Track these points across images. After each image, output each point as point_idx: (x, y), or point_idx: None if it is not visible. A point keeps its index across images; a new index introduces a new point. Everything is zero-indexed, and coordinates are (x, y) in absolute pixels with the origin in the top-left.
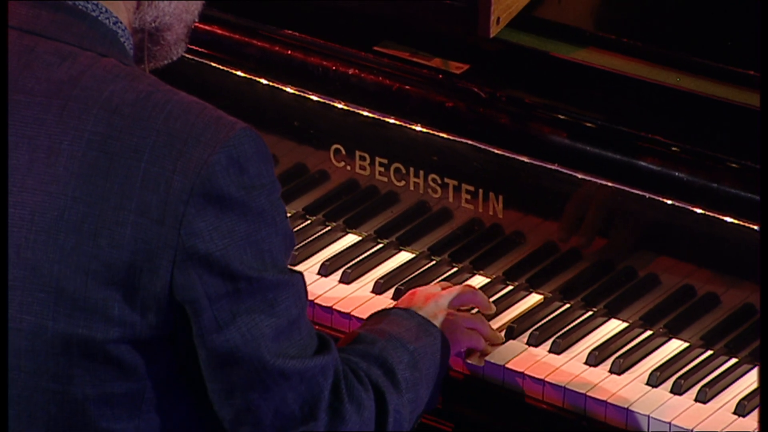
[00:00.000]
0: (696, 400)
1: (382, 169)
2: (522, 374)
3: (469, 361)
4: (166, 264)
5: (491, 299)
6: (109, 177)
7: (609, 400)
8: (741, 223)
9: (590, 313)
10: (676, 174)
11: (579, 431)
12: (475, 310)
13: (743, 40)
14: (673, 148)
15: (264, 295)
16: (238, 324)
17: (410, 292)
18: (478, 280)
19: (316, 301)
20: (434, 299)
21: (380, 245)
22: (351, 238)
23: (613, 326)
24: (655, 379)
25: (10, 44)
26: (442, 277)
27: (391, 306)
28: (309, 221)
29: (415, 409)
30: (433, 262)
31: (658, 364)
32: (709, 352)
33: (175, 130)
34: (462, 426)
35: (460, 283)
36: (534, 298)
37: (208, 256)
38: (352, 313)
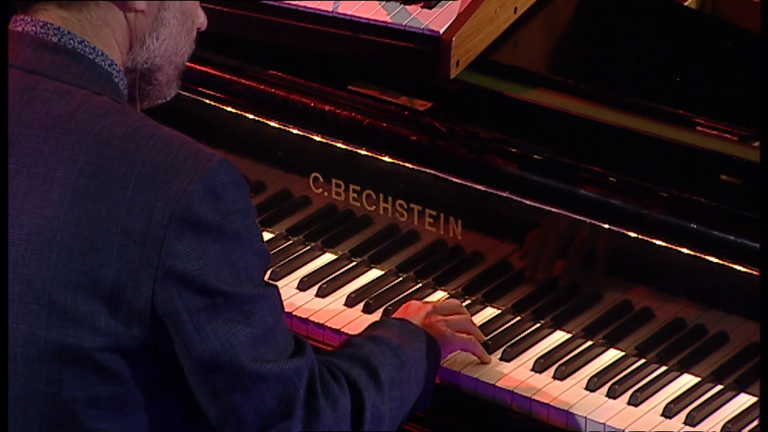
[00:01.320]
0: (629, 403)
1: (355, 195)
2: (475, 380)
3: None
4: (148, 281)
5: None
6: (98, 202)
7: (551, 403)
8: (670, 246)
9: (538, 325)
10: (612, 201)
11: (525, 431)
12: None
13: (673, 82)
14: (610, 179)
15: (240, 307)
16: (218, 334)
17: (405, 305)
18: (440, 295)
19: (294, 313)
20: (425, 309)
21: (353, 263)
22: (328, 257)
23: (558, 337)
24: (593, 385)
25: (14, 82)
26: (408, 292)
27: (376, 318)
28: (291, 241)
29: (402, 405)
30: (400, 278)
31: (597, 371)
32: (642, 361)
33: (158, 162)
34: (422, 425)
35: (423, 298)
36: (489, 312)
37: (186, 275)
38: (326, 324)
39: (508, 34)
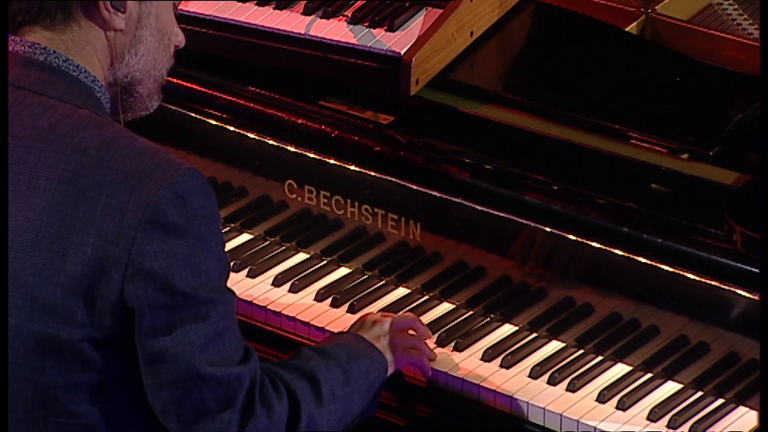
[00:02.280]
0: (567, 389)
1: (325, 200)
2: (431, 369)
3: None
4: (118, 277)
5: (410, 307)
6: (76, 207)
7: (497, 390)
8: (604, 247)
9: (488, 318)
10: (553, 207)
11: (474, 415)
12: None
13: (611, 100)
14: (553, 186)
15: (197, 308)
16: (170, 330)
17: (361, 317)
18: (401, 291)
19: (268, 306)
20: (379, 324)
21: (324, 262)
22: (301, 256)
23: (506, 330)
24: (535, 373)
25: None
26: (372, 288)
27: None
28: (268, 242)
29: (342, 417)
30: (366, 276)
31: (539, 361)
32: (581, 351)
33: (131, 170)
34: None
35: (385, 295)
36: (445, 306)
37: (153, 273)
38: (297, 317)
39: (465, 55)
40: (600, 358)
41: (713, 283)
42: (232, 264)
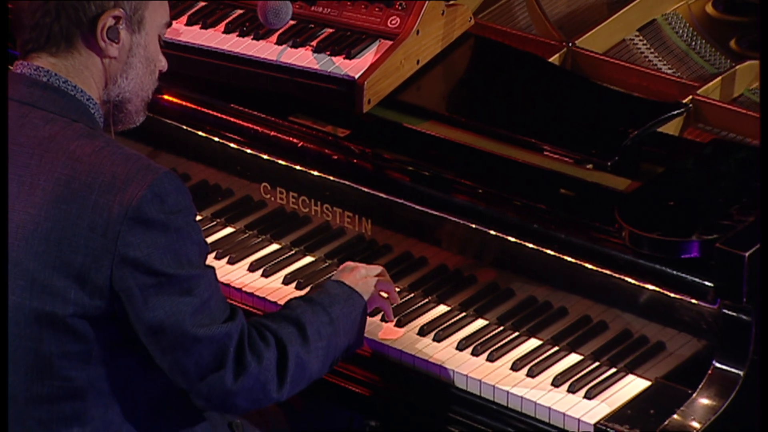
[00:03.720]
0: (487, 360)
1: (293, 200)
2: (374, 341)
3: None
4: (107, 264)
5: None
6: (70, 204)
7: (430, 360)
8: (519, 241)
9: (426, 300)
10: (479, 207)
11: (410, 381)
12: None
13: (530, 118)
14: (478, 190)
15: (182, 284)
16: (162, 305)
17: (344, 265)
18: None
19: (244, 289)
20: (357, 270)
21: (293, 251)
22: (274, 246)
23: (440, 310)
24: (461, 346)
25: (12, 111)
26: (331, 273)
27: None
28: (247, 234)
29: (329, 353)
30: (327, 263)
31: (465, 336)
32: (501, 328)
33: (117, 174)
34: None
35: None
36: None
37: (136, 260)
38: (267, 297)
39: (411, 80)
40: (516, 333)
41: (606, 271)
42: (216, 252)
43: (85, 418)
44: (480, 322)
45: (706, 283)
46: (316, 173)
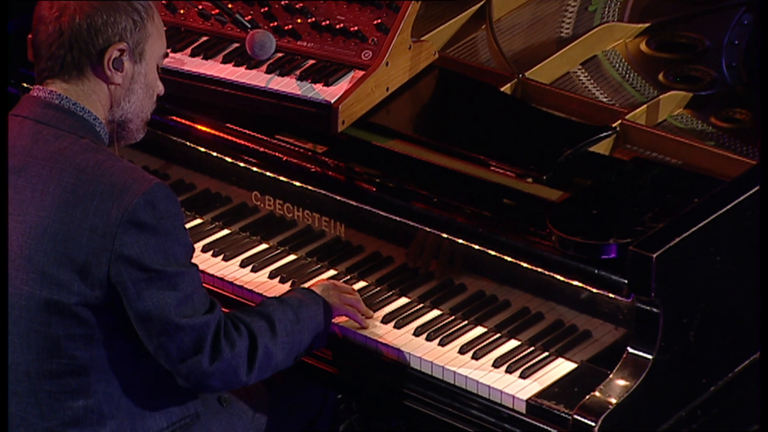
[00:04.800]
0: (439, 344)
1: (280, 206)
2: (342, 327)
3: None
4: (105, 261)
5: None
6: (74, 209)
7: (390, 344)
8: (467, 243)
9: (390, 293)
10: (434, 213)
11: (373, 362)
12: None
13: (481, 138)
14: (434, 199)
15: (168, 280)
16: (151, 297)
17: (315, 280)
18: (331, 273)
19: (235, 282)
20: (327, 284)
21: (279, 251)
22: (263, 246)
23: (401, 301)
24: (417, 332)
25: (27, 129)
26: (310, 270)
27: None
28: (241, 235)
29: (293, 348)
30: (308, 261)
31: (421, 324)
32: (452, 317)
33: (115, 183)
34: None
35: (319, 274)
36: (361, 284)
37: (130, 257)
38: (254, 290)
39: (381, 105)
40: (465, 322)
41: (539, 269)
42: (213, 251)
43: (89, 391)
44: (435, 312)
45: (622, 280)
46: (298, 183)
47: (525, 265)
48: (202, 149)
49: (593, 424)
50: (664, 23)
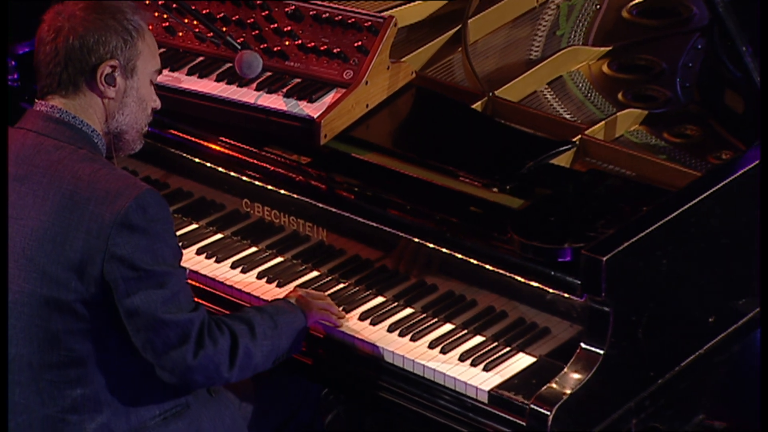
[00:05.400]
0: (410, 340)
1: (267, 213)
2: (325, 325)
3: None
4: (99, 261)
5: (318, 284)
6: (72, 213)
7: (365, 339)
8: (435, 246)
9: (368, 293)
10: (407, 220)
11: (349, 355)
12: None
13: (451, 151)
14: (407, 206)
15: (156, 279)
16: (139, 295)
17: (291, 290)
18: (314, 274)
19: (226, 282)
20: (301, 293)
21: (267, 253)
22: (253, 249)
23: (377, 300)
24: (391, 329)
25: (30, 140)
26: (295, 271)
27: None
28: (233, 239)
29: (272, 351)
30: (293, 263)
31: (395, 320)
32: (423, 315)
33: (109, 190)
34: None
35: (303, 275)
36: (341, 284)
37: (122, 257)
38: (243, 289)
39: (361, 120)
40: (435, 319)
41: (501, 271)
42: (206, 253)
43: (87, 381)
44: (408, 310)
45: (575, 281)
46: (284, 192)
47: (489, 267)
48: (198, 160)
49: (548, 413)
50: (625, 47)
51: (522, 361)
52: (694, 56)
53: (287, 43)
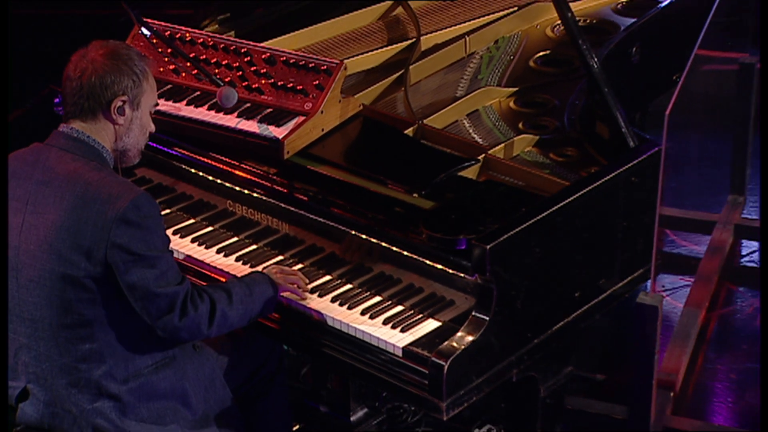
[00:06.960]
0: (347, 308)
1: (245, 211)
2: (287, 298)
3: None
4: (103, 248)
5: (282, 266)
6: (83, 211)
7: (312, 308)
8: (368, 238)
9: (320, 272)
10: (346, 217)
11: (302, 321)
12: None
13: (384, 164)
14: (347, 207)
15: (148, 261)
16: (136, 273)
17: (271, 265)
18: (279, 258)
19: (211, 264)
20: (277, 268)
21: (245, 242)
22: (234, 239)
23: (326, 278)
24: (334, 299)
25: (54, 154)
26: (266, 255)
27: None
28: (220, 232)
29: (245, 313)
30: (264, 250)
31: (337, 293)
32: (360, 290)
33: (112, 193)
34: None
35: (271, 258)
36: (299, 266)
37: (121, 245)
38: (223, 269)
39: (317, 141)
40: (368, 293)
41: (415, 256)
42: (198, 242)
43: (93, 338)
44: (348, 286)
45: (468, 264)
46: (256, 195)
47: (405, 253)
48: (194, 171)
49: (444, 363)
50: (528, 88)
51: (430, 325)
52: (579, 95)
53: (263, 81)
